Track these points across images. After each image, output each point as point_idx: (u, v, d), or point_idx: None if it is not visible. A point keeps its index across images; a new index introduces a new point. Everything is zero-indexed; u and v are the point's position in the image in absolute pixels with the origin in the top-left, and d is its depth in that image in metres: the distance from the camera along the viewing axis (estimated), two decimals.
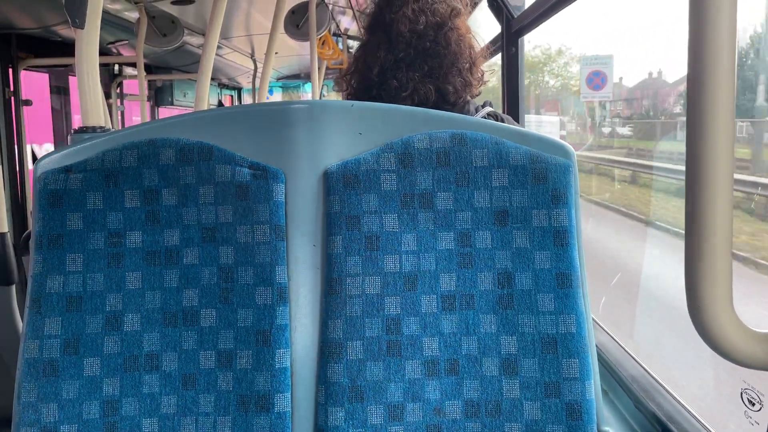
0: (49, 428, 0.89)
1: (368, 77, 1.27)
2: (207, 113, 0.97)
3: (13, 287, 1.87)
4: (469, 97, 1.29)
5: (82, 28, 1.08)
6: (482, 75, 1.31)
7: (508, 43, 2.38)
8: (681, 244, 0.66)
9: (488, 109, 1.30)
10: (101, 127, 1.10)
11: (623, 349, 1.48)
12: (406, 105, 1.18)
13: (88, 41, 1.10)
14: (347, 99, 1.32)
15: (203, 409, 0.91)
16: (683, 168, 0.65)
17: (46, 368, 0.90)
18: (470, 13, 1.35)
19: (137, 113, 4.95)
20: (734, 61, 0.62)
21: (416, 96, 1.22)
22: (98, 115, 1.11)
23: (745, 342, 0.63)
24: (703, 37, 0.62)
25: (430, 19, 1.24)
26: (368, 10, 1.37)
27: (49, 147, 4.79)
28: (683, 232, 0.65)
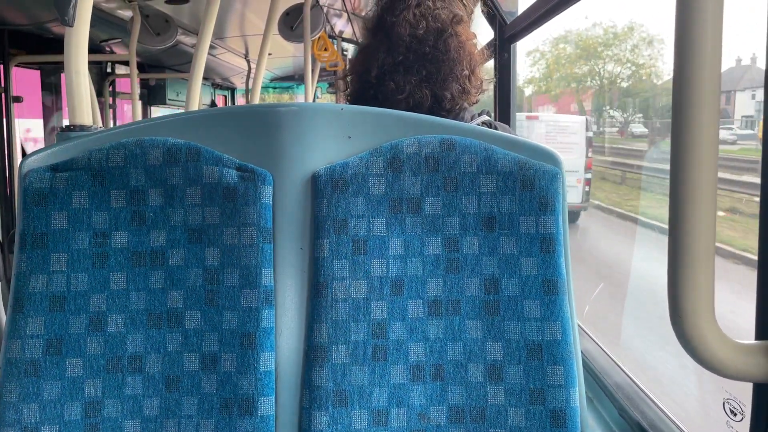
0: (31, 429, 0.88)
1: (366, 79, 1.27)
2: (196, 114, 0.97)
3: None
4: (466, 105, 1.29)
5: (71, 26, 1.07)
6: (481, 83, 1.31)
7: (501, 49, 2.39)
8: None
9: (484, 117, 1.30)
10: (89, 126, 1.09)
11: (608, 356, 1.49)
12: (401, 107, 1.18)
13: (78, 38, 1.10)
14: (345, 99, 1.32)
15: (186, 412, 0.91)
16: None
17: (27, 368, 0.89)
18: (471, 18, 1.36)
19: (130, 112, 4.93)
20: (719, 68, 0.62)
21: (411, 100, 1.22)
22: (86, 114, 1.11)
23: (726, 353, 0.63)
24: (689, 42, 0.62)
25: (431, 24, 1.24)
26: (364, 13, 1.37)
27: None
28: None
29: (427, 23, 1.23)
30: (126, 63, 4.21)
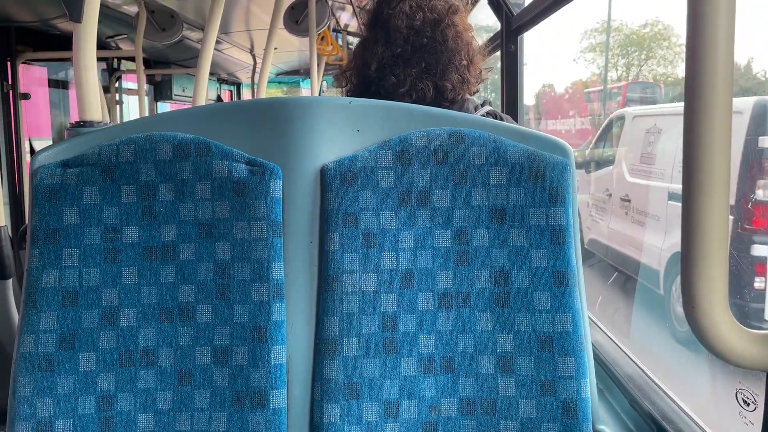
0: (45, 423, 0.89)
1: (367, 73, 1.27)
2: (204, 108, 0.97)
3: (10, 281, 1.87)
4: (468, 95, 1.29)
5: (80, 22, 1.07)
6: (480, 72, 1.31)
7: (507, 41, 2.38)
8: None
9: (487, 108, 1.30)
10: (98, 122, 1.09)
11: (619, 347, 1.48)
12: (404, 101, 1.18)
13: (86, 35, 1.10)
14: (347, 95, 1.32)
15: (199, 405, 0.91)
16: None
17: (41, 363, 0.90)
18: (470, 10, 1.35)
19: (136, 107, 4.94)
20: (732, 63, 0.62)
21: (414, 92, 1.22)
22: (95, 110, 1.11)
23: (740, 343, 0.63)
24: (702, 38, 0.62)
25: (427, 15, 1.24)
26: (368, 6, 1.37)
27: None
28: None
29: (424, 14, 1.24)
30: (132, 59, 4.22)
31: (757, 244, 3.39)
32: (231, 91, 8.45)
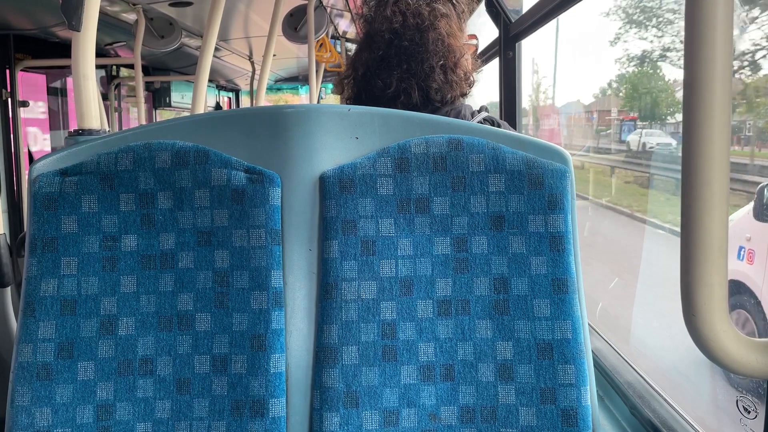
0: None
1: (357, 79, 1.29)
2: (203, 117, 0.97)
3: (9, 289, 1.87)
4: (462, 99, 1.30)
5: (79, 30, 1.08)
6: (465, 74, 1.32)
7: (505, 48, 2.38)
8: None
9: (484, 114, 1.31)
10: (97, 130, 1.09)
11: (619, 354, 1.48)
12: (393, 104, 1.20)
13: (85, 43, 1.10)
14: (346, 102, 1.32)
15: (198, 414, 0.91)
16: None
17: (39, 372, 0.89)
18: (466, 19, 1.36)
19: (135, 115, 4.94)
20: (731, 67, 0.62)
21: (402, 95, 1.23)
22: (94, 118, 1.11)
23: (739, 350, 0.63)
24: (700, 40, 0.62)
25: (409, 20, 1.26)
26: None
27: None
28: None
29: (405, 18, 1.26)
30: (131, 66, 4.22)
31: None
32: (230, 98, 8.46)
